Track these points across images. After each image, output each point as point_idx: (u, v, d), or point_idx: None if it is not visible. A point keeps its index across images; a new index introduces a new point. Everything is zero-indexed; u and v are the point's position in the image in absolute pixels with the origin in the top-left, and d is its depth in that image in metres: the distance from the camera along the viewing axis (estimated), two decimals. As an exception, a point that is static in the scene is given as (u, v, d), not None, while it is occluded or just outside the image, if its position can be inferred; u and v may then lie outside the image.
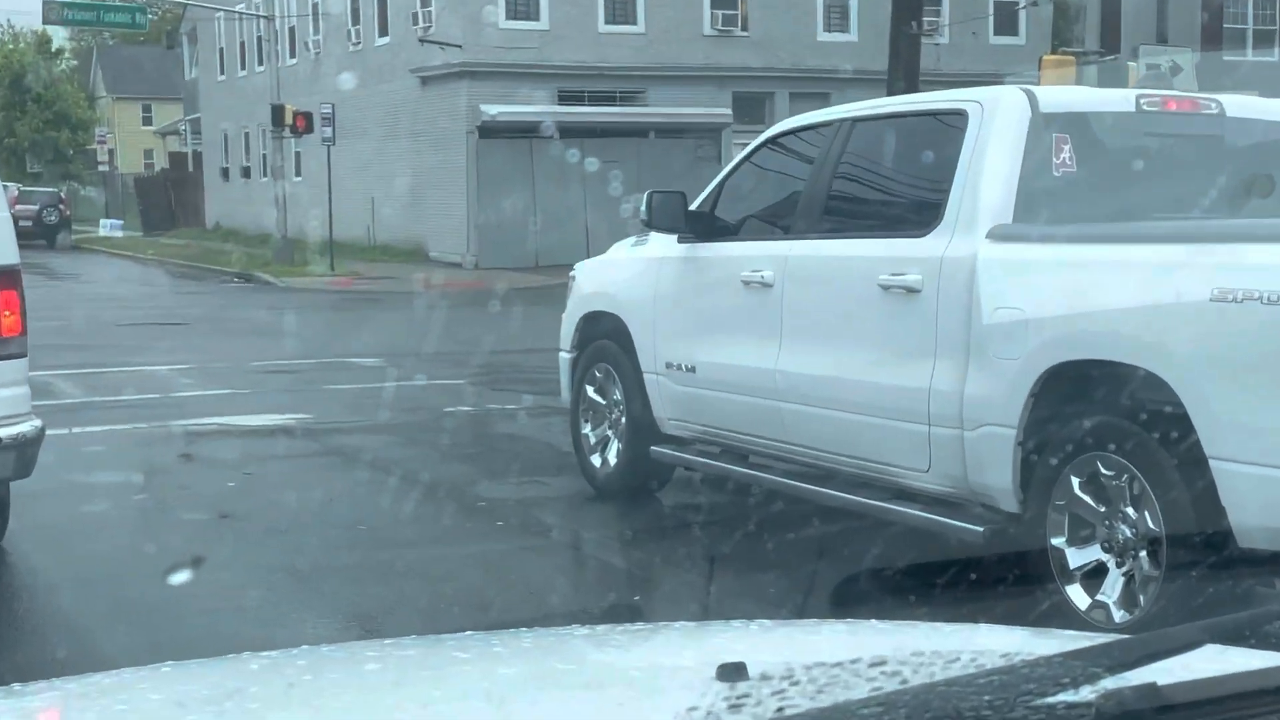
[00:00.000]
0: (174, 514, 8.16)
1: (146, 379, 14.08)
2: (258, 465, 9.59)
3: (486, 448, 10.27)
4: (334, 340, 18.05)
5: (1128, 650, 1.09)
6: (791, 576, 6.35)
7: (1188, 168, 6.55)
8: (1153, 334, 5.16)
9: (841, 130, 7.03)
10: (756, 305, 7.18)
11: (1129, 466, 5.23)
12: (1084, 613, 5.39)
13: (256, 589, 6.48)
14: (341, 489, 8.81)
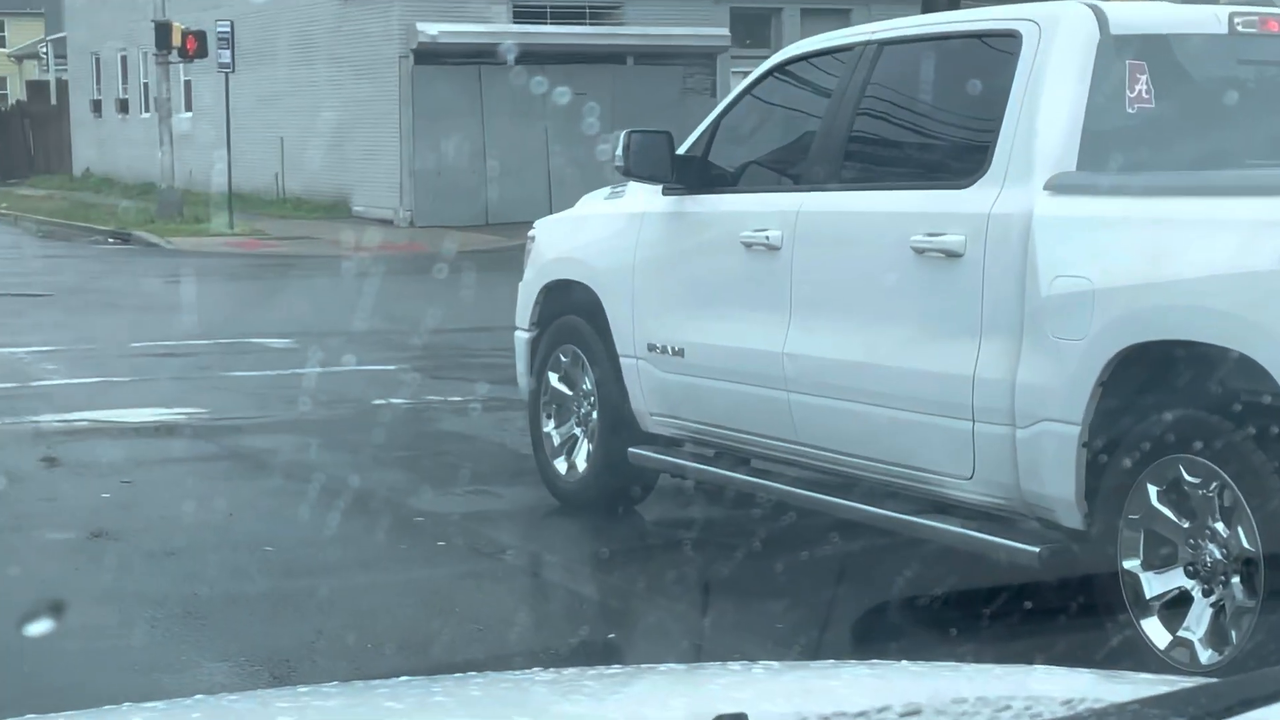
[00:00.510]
0: (36, 533, 8.14)
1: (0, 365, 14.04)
2: (140, 472, 9.57)
3: (426, 450, 10.28)
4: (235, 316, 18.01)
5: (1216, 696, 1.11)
6: (803, 607, 6.38)
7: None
8: (1249, 309, 5.19)
9: (866, 56, 7.04)
10: (760, 273, 7.20)
11: (1219, 472, 5.27)
12: (1163, 651, 5.43)
13: (140, 625, 6.48)
14: (246, 501, 8.80)
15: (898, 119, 7.09)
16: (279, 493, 9.10)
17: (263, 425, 11.20)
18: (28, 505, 8.74)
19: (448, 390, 12.52)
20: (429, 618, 6.65)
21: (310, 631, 6.43)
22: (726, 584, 7.04)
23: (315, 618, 6.62)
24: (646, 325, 7.89)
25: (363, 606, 6.75)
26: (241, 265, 25.50)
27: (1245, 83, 6.54)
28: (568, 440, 8.54)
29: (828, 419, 6.82)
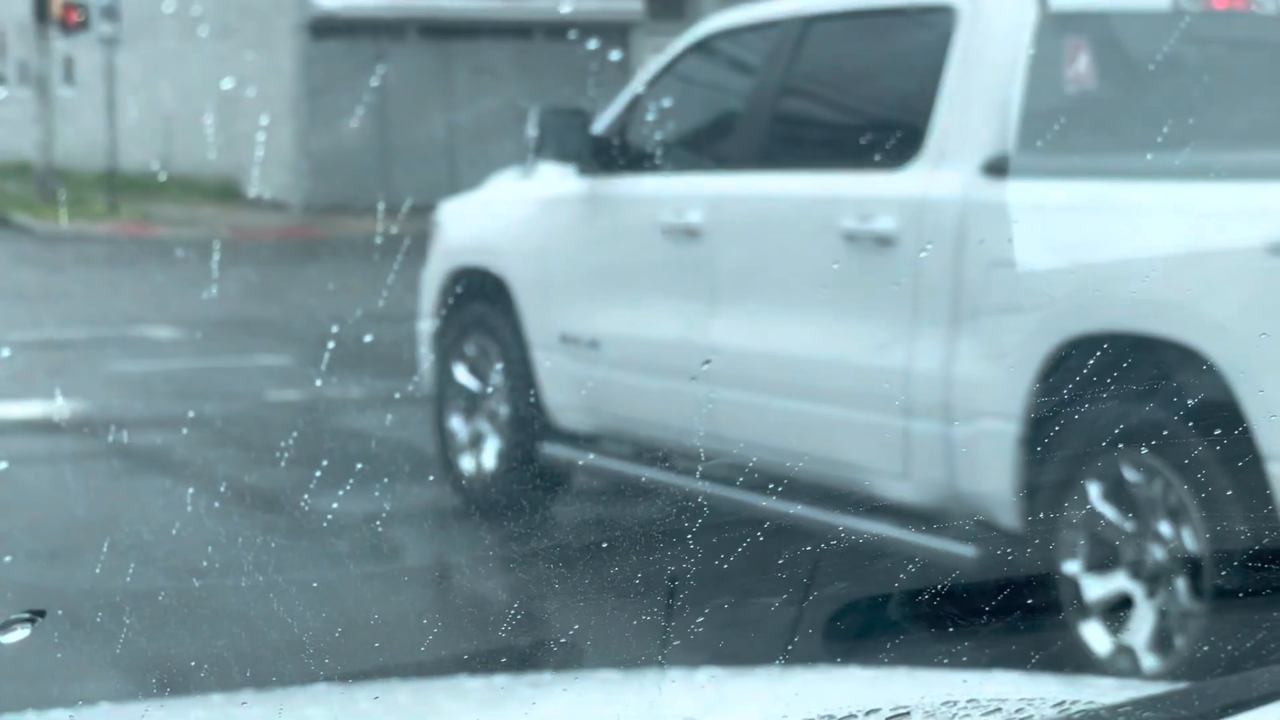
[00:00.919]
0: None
1: None
2: (17, 470, 9.45)
3: (322, 447, 10.19)
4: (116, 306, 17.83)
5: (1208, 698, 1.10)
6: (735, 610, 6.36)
7: (1239, 83, 6.64)
8: (1194, 298, 5.23)
9: (792, 32, 7.05)
10: (680, 259, 7.19)
11: (1163, 470, 5.30)
12: (1104, 657, 5.46)
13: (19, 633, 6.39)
14: (131, 501, 8.72)
15: (826, 98, 7.10)
16: (166, 492, 9.01)
17: (149, 421, 11.08)
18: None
19: (345, 384, 12.43)
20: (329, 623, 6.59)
21: (199, 641, 6.36)
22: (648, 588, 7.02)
23: (207, 623, 6.54)
24: (560, 315, 7.85)
25: (257, 611, 6.67)
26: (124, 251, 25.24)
27: (1190, 61, 6.59)
28: (475, 437, 8.49)
29: (752, 414, 6.81)
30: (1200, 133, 6.36)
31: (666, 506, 7.88)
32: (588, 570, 7.47)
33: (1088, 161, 6.03)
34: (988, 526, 5.95)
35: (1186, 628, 5.28)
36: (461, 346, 8.53)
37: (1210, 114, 6.51)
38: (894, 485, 6.22)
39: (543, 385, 8.00)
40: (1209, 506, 5.17)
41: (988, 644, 5.50)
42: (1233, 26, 6.53)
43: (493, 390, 8.38)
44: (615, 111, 7.91)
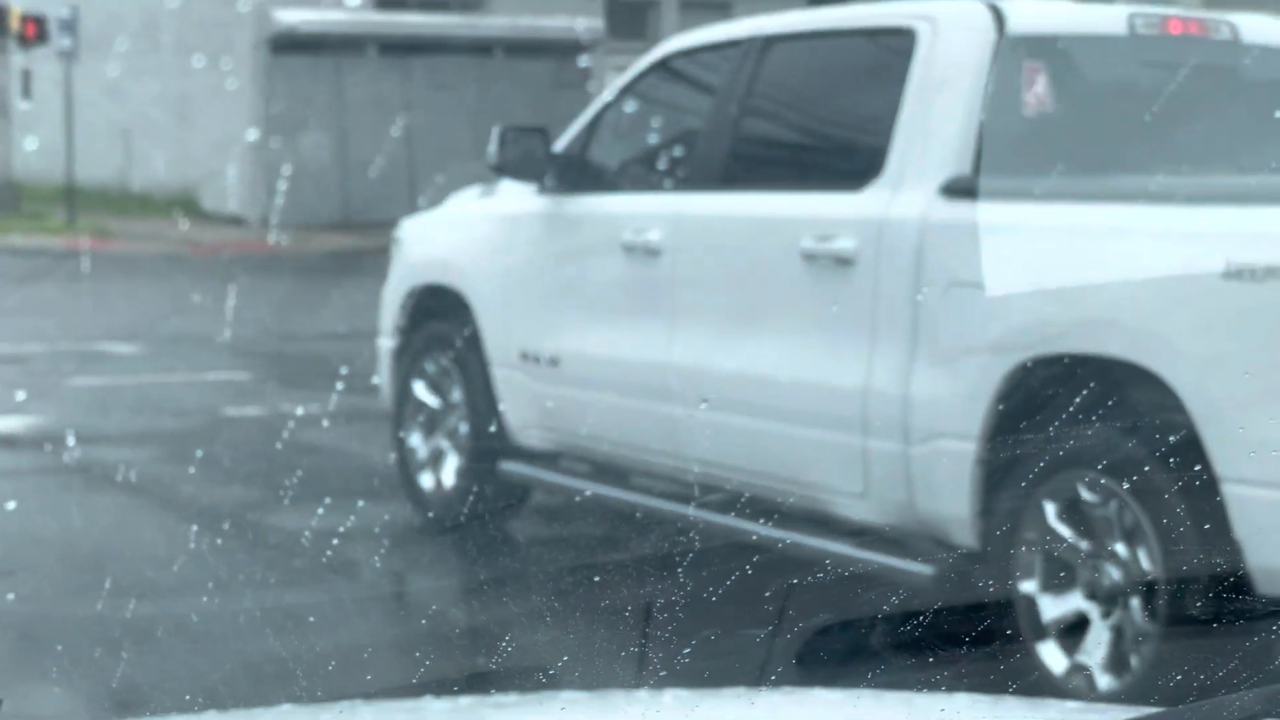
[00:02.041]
0: None
1: None
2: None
3: (281, 464, 10.16)
4: (75, 320, 17.74)
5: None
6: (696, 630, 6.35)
7: (1194, 108, 6.68)
8: (1150, 320, 5.26)
9: (752, 52, 7.06)
10: (640, 278, 7.19)
11: (1119, 491, 5.32)
12: (1059, 677, 5.48)
13: (-31, 652, 6.37)
14: (87, 518, 8.66)
15: (786, 118, 7.12)
16: (122, 508, 8.97)
17: (104, 436, 11.02)
18: None
19: (304, 400, 12.40)
20: (283, 640, 6.56)
21: (156, 656, 6.33)
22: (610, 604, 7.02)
23: (162, 641, 6.51)
24: (520, 333, 7.85)
25: (212, 629, 6.66)
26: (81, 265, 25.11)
27: (1146, 86, 6.63)
28: (434, 454, 8.47)
29: (712, 433, 6.81)
30: (1157, 157, 6.40)
31: (626, 526, 7.88)
32: (548, 590, 7.47)
33: (1046, 184, 6.05)
34: (946, 546, 5.97)
35: (1142, 649, 5.30)
36: (422, 364, 8.52)
37: (1167, 138, 6.55)
38: (853, 504, 6.23)
39: (503, 403, 7.99)
40: (1164, 528, 5.19)
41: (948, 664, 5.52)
42: (1189, 52, 6.56)
43: (453, 407, 8.37)
44: (576, 130, 7.91)
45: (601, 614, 6.93)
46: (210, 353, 14.87)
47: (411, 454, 8.55)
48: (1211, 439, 5.05)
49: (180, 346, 15.46)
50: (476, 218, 8.34)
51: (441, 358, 8.38)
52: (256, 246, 27.44)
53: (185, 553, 7.96)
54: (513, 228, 7.96)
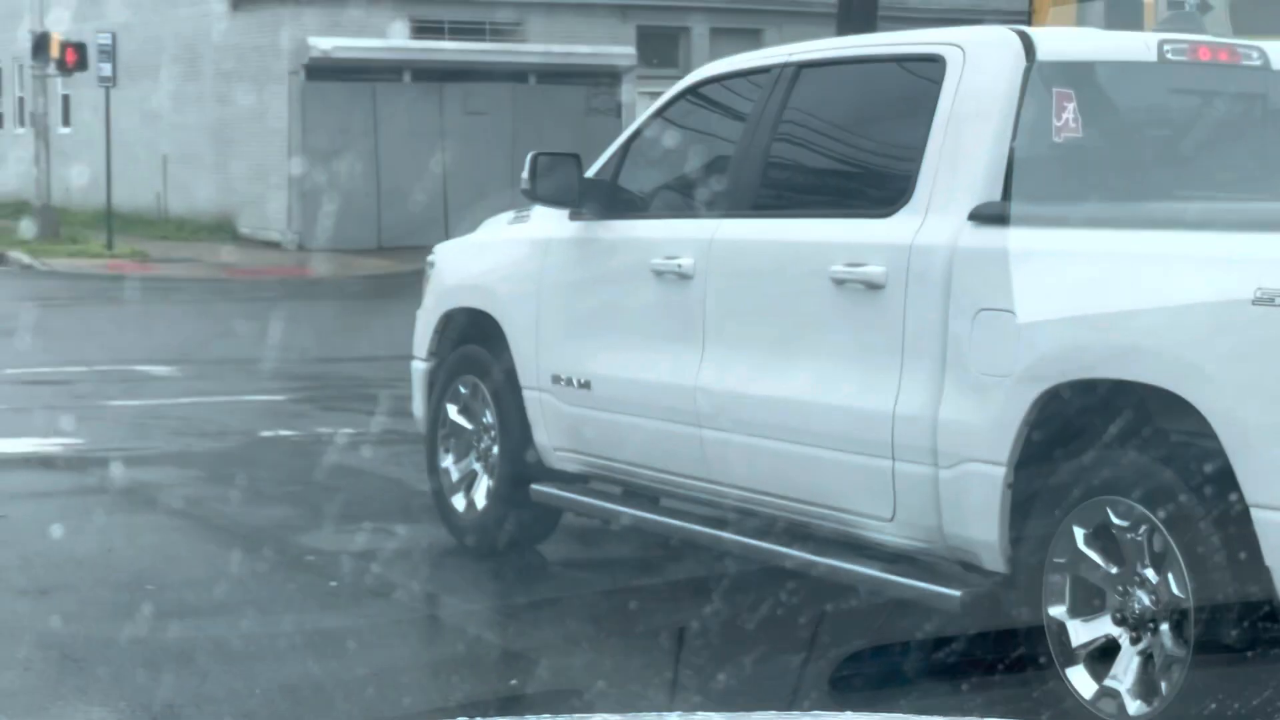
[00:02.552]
0: (-101, 571, 8.00)
1: None
2: (13, 505, 9.45)
3: (316, 485, 10.18)
4: (114, 342, 17.82)
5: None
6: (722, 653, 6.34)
7: (1223, 134, 6.66)
8: (1179, 346, 5.23)
9: (783, 78, 7.05)
10: (671, 302, 7.18)
11: (1149, 516, 5.29)
12: (1089, 702, 5.45)
13: (10, 670, 6.39)
14: (126, 537, 8.70)
15: (816, 144, 7.10)
16: (161, 529, 8.99)
17: (144, 457, 11.05)
18: (-109, 541, 8.57)
19: (339, 422, 12.41)
20: (320, 663, 6.57)
21: (195, 677, 6.33)
22: (637, 629, 7.00)
23: (200, 662, 6.52)
24: (551, 356, 7.84)
25: (250, 650, 6.66)
26: (121, 289, 25.19)
27: (1175, 113, 6.60)
28: (466, 476, 8.47)
29: (741, 456, 6.81)
30: (1187, 183, 6.38)
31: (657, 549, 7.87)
32: (581, 613, 7.46)
33: (1074, 210, 6.03)
34: (975, 570, 5.94)
35: (1172, 675, 5.26)
36: (455, 386, 8.52)
37: (1196, 164, 6.53)
38: (882, 528, 6.21)
39: (535, 425, 7.98)
40: (1194, 553, 5.16)
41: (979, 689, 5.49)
42: (1219, 78, 6.54)
43: (485, 429, 8.37)
44: (608, 156, 7.91)
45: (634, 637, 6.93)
46: (248, 375, 14.91)
47: (445, 476, 8.55)
48: (1242, 465, 5.02)
49: (219, 369, 15.51)
50: (509, 242, 8.34)
51: (474, 380, 8.39)
52: (291, 270, 27.51)
53: (224, 574, 7.97)
54: (545, 252, 7.96)
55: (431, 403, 8.65)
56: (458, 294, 8.58)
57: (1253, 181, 6.50)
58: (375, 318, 14.55)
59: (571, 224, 7.80)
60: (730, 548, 6.99)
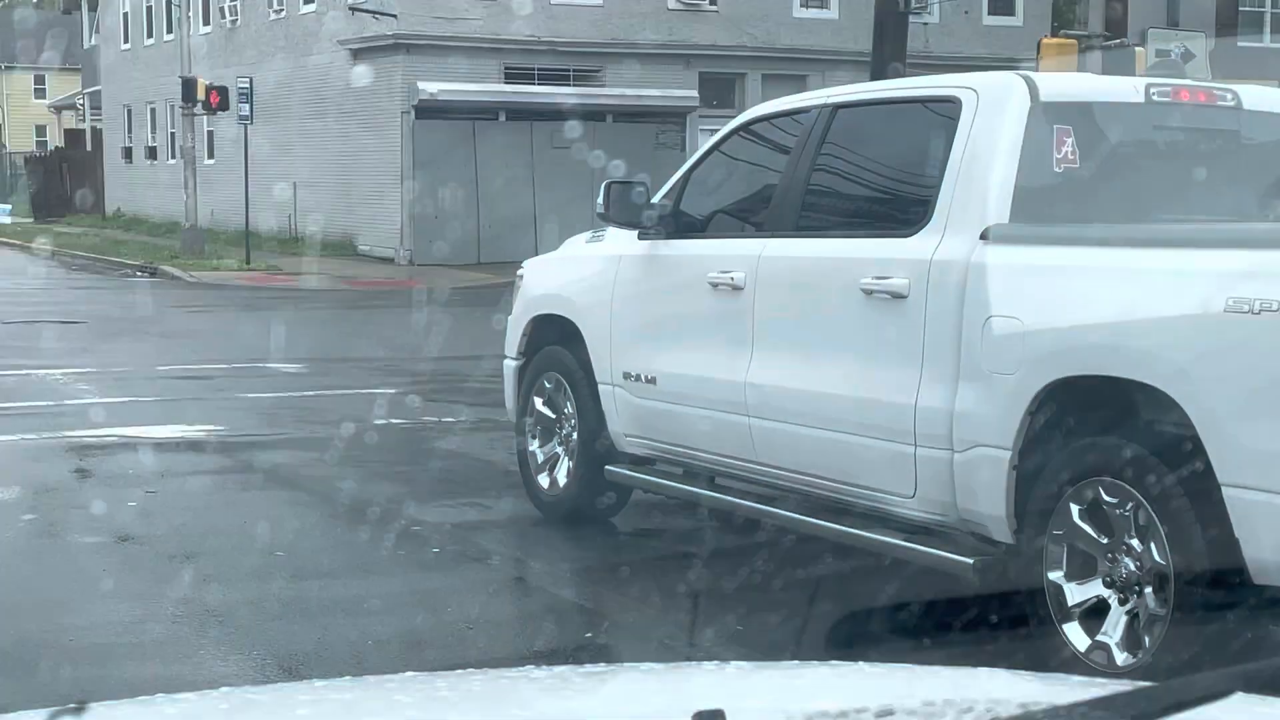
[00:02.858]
0: (67, 537, 8.11)
1: (38, 384, 13.98)
2: (162, 483, 9.53)
3: (421, 465, 10.25)
4: (250, 343, 17.96)
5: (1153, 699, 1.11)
6: (764, 612, 6.37)
7: (1202, 165, 6.62)
8: (1161, 348, 5.22)
9: (822, 117, 7.06)
10: (725, 310, 7.20)
11: (1134, 494, 5.28)
12: (1083, 654, 5.44)
13: (159, 623, 6.45)
14: (258, 510, 8.77)
15: (849, 174, 7.11)
16: (289, 503, 9.07)
17: (274, 442, 11.16)
18: (62, 512, 8.69)
19: (442, 412, 12.50)
20: (425, 618, 6.62)
21: (317, 629, 6.40)
22: (694, 591, 7.03)
23: (321, 617, 6.58)
24: (623, 356, 7.88)
25: (365, 607, 6.72)
26: (256, 297, 25.42)
27: (1160, 146, 6.58)
28: (550, 458, 8.52)
29: (784, 441, 6.82)
30: (1169, 207, 6.36)
31: (713, 519, 7.88)
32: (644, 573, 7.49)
33: (1072, 230, 6.02)
34: (985, 540, 5.95)
35: (1154, 631, 5.25)
36: (540, 381, 8.56)
37: (1177, 191, 6.50)
38: (904, 504, 6.22)
39: (608, 415, 8.02)
40: (1173, 526, 5.16)
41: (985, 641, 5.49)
42: (1197, 117, 6.51)
43: (566, 418, 8.41)
44: (671, 184, 7.94)
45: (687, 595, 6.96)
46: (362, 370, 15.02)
47: (532, 458, 8.61)
48: (1214, 449, 5.01)
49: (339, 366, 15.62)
50: (587, 258, 8.38)
51: (557, 376, 8.43)
52: (403, 282, 27.65)
53: (342, 542, 8.04)
54: (617, 267, 7.99)
55: (520, 395, 8.69)
56: (543, 302, 8.62)
57: (1226, 206, 6.47)
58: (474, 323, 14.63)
59: (640, 243, 7.83)
60: (775, 520, 7.01)
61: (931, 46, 32.76)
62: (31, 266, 33.02)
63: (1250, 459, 4.93)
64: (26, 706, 1.91)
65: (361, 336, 19.13)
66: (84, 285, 28.16)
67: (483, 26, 31.81)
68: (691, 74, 33.57)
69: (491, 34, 31.72)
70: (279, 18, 37.02)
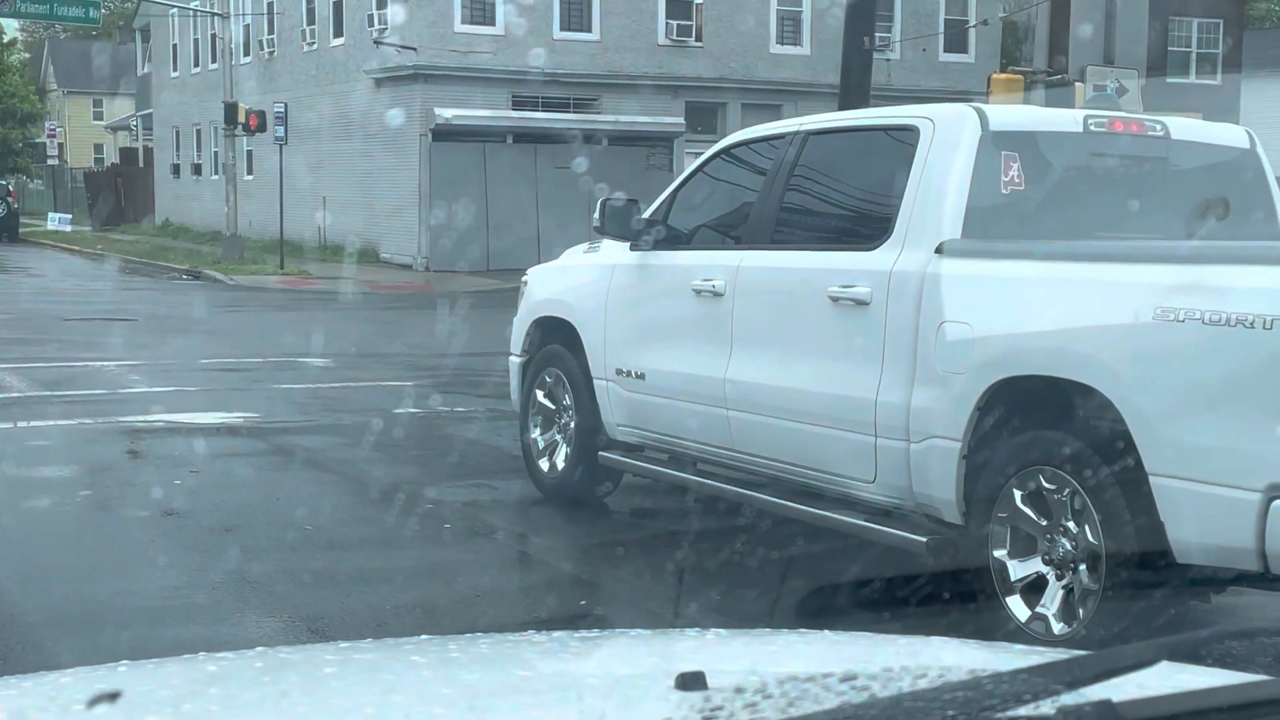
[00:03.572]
0: (119, 511, 8.08)
1: (94, 374, 13.95)
2: (205, 463, 9.52)
3: (434, 450, 10.24)
4: (283, 339, 17.93)
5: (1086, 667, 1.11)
6: (742, 586, 6.35)
7: (1133, 188, 6.62)
8: (1096, 351, 5.20)
9: (795, 142, 7.05)
10: (707, 314, 7.19)
11: (1071, 481, 5.27)
12: (1023, 624, 5.43)
13: (202, 589, 6.43)
14: (288, 489, 8.75)
15: (819, 193, 7.10)
16: (317, 482, 9.06)
17: (305, 428, 11.14)
18: (113, 489, 8.67)
19: (454, 403, 12.48)
20: (437, 587, 6.61)
21: (339, 597, 6.39)
22: (676, 565, 7.02)
23: (345, 584, 6.57)
24: (616, 354, 7.87)
25: (383, 576, 6.71)
26: (289, 299, 25.38)
27: (1096, 171, 6.58)
28: (550, 444, 8.51)
29: (759, 432, 6.81)
30: (1104, 225, 6.35)
31: (695, 500, 7.88)
32: (634, 549, 7.48)
33: (1018, 246, 6.01)
34: (937, 522, 5.94)
35: (1087, 604, 5.25)
36: (542, 375, 8.55)
37: (1111, 211, 6.50)
38: (865, 488, 6.21)
39: (602, 407, 8.01)
40: (1105, 510, 5.15)
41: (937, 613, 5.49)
42: (1130, 145, 6.51)
43: (564, 409, 8.40)
44: (660, 201, 7.93)
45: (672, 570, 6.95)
46: (384, 365, 15.00)
47: (533, 444, 8.59)
48: (1143, 443, 5.00)
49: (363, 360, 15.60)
50: (584, 267, 8.37)
51: (557, 372, 8.42)
52: (420, 286, 27.62)
53: (364, 518, 8.02)
54: (611, 275, 7.98)
55: (524, 389, 8.68)
56: (545, 306, 8.61)
57: (1155, 225, 6.46)
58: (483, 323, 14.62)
59: (632, 253, 7.82)
60: (750, 503, 7.00)
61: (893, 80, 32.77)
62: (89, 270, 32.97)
63: (1176, 451, 4.92)
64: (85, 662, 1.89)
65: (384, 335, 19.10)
66: (135, 287, 28.10)
67: (493, 59, 31.79)
68: (679, 103, 33.58)
69: (501, 66, 31.69)
70: (311, 50, 36.96)
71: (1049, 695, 1.06)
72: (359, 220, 33.83)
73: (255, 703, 1.53)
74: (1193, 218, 6.48)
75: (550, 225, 28.54)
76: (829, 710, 1.03)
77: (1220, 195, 6.63)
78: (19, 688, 1.63)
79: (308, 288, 27.45)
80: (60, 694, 1.60)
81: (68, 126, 72.05)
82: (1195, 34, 39.83)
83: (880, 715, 1.00)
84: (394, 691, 1.52)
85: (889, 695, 1.07)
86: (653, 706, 1.22)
